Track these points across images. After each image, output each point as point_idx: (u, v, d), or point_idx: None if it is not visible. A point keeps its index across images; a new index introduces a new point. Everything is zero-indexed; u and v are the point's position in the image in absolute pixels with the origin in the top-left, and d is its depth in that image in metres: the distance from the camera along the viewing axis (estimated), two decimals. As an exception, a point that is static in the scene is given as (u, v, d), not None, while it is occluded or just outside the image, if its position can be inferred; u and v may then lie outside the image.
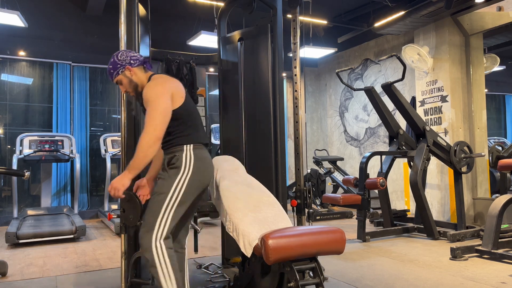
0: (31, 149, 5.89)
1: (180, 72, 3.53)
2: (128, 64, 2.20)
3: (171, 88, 2.09)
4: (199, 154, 2.13)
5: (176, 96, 2.11)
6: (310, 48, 6.92)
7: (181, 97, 2.14)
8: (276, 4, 3.22)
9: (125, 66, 2.20)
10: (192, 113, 2.20)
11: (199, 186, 2.13)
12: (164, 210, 2.01)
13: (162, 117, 1.99)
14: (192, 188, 2.08)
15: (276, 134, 3.22)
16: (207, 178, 2.19)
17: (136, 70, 2.22)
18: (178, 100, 2.11)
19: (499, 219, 3.75)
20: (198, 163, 2.11)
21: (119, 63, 2.20)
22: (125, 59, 2.21)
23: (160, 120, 1.98)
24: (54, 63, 6.87)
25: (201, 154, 2.14)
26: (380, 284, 3.06)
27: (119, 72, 2.21)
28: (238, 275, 2.73)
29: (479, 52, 5.74)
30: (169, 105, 2.03)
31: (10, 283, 3.27)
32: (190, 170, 2.07)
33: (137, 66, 2.22)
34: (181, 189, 2.04)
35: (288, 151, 7.98)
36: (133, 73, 2.21)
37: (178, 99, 2.12)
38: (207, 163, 2.18)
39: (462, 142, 4.88)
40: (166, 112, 2.01)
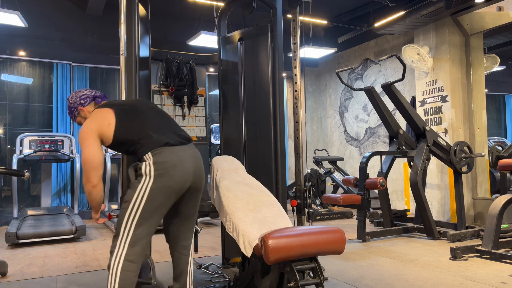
0: (31, 149, 5.89)
1: (180, 72, 3.53)
2: (79, 105, 2.25)
3: (95, 126, 2.03)
4: (161, 158, 1.98)
5: (104, 129, 2.02)
6: (310, 48, 6.92)
7: (108, 125, 2.02)
8: (276, 4, 3.22)
9: (77, 108, 2.25)
10: (136, 126, 2.05)
11: (167, 191, 1.97)
12: (127, 218, 1.97)
13: (89, 166, 2.00)
14: (157, 194, 1.96)
15: (276, 134, 3.22)
16: (177, 179, 1.99)
17: (88, 108, 2.26)
18: (108, 132, 2.02)
19: (499, 219, 3.75)
20: (160, 168, 1.96)
21: (72, 106, 2.26)
22: (75, 101, 2.25)
23: (88, 170, 2.01)
24: (54, 63, 6.87)
25: (164, 158, 1.98)
26: (380, 284, 3.06)
27: (75, 114, 2.27)
28: (238, 275, 2.73)
29: (479, 52, 5.74)
30: (93, 151, 2.00)
31: (10, 283, 3.27)
32: (151, 177, 1.95)
33: (88, 104, 2.26)
34: (142, 197, 1.95)
35: (288, 151, 7.98)
36: (86, 112, 2.25)
37: (107, 131, 2.02)
38: (173, 163, 1.99)
39: (462, 142, 4.88)
40: (91, 159, 2.00)
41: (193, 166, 2.08)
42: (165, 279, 3.28)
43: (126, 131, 2.04)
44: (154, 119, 2.12)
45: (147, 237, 2.01)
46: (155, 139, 2.02)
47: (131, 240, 1.96)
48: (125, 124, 2.05)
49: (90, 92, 2.28)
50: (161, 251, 4.32)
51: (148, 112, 2.14)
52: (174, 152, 2.02)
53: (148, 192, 1.95)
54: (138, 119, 2.08)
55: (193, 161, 2.09)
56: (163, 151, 2.00)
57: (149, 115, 2.13)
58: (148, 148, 2.00)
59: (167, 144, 2.02)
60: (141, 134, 2.03)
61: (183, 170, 2.02)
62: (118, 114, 2.05)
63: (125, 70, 2.33)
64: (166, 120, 2.18)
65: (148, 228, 2.00)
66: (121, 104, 2.14)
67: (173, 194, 2.02)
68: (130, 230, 1.96)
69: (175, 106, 3.55)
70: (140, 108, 2.14)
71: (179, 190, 2.03)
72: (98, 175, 2.03)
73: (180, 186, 2.02)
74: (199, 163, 2.15)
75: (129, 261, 1.95)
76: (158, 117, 2.16)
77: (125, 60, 2.35)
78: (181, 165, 2.01)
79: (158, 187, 1.96)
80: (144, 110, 2.14)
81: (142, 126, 2.06)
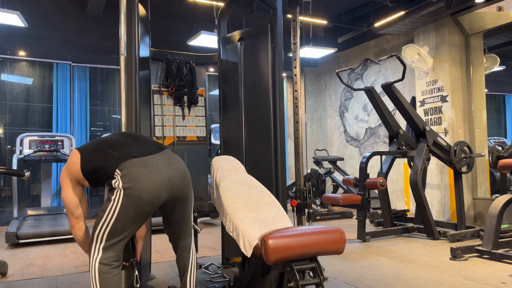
0: (31, 149, 5.89)
1: (180, 72, 3.53)
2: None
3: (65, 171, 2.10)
4: (127, 170, 1.93)
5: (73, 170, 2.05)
6: (310, 48, 6.92)
7: (72, 163, 2.04)
8: (276, 4, 3.23)
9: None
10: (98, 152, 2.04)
11: (137, 202, 1.93)
12: (100, 227, 2.01)
13: (66, 208, 2.15)
14: (128, 207, 1.94)
15: (276, 134, 3.23)
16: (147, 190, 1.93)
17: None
18: (76, 170, 2.04)
19: (499, 219, 3.75)
20: (128, 180, 1.92)
21: None
22: None
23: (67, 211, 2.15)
24: (54, 63, 6.87)
25: (130, 169, 1.93)
26: (380, 284, 3.06)
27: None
28: (238, 275, 2.73)
29: (479, 52, 5.74)
30: (65, 194, 2.09)
31: (10, 283, 3.27)
32: (121, 190, 1.93)
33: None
34: (115, 210, 1.96)
35: (288, 151, 7.98)
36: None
37: (74, 169, 2.04)
38: (140, 174, 1.93)
39: (462, 142, 4.88)
40: (65, 202, 2.11)
41: (168, 174, 2.00)
42: (165, 279, 3.28)
43: (90, 161, 2.03)
44: (116, 140, 2.10)
45: (122, 242, 2.02)
46: (118, 155, 1.99)
47: (104, 246, 2.00)
48: (88, 155, 2.04)
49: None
50: (161, 251, 4.32)
51: (111, 137, 2.13)
52: (141, 163, 1.96)
53: (120, 205, 1.94)
54: (100, 145, 2.07)
55: (168, 169, 2.01)
56: (130, 163, 1.95)
57: (110, 138, 2.12)
58: (115, 165, 1.96)
59: (133, 156, 1.98)
60: (104, 156, 2.01)
61: (154, 180, 1.94)
62: (82, 150, 2.07)
63: (125, 70, 2.33)
64: (132, 138, 2.15)
65: (121, 236, 2.00)
66: (88, 143, 2.16)
67: (147, 205, 1.96)
68: (103, 238, 1.99)
69: (175, 106, 3.55)
70: (105, 138, 2.14)
71: (152, 200, 1.96)
72: (75, 217, 2.12)
73: (153, 196, 1.95)
74: (177, 170, 2.06)
75: (104, 264, 1.99)
76: (122, 137, 2.14)
77: (125, 60, 2.35)
78: (150, 175, 1.94)
79: (129, 200, 1.93)
80: (108, 137, 2.13)
81: (104, 150, 2.04)
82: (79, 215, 2.13)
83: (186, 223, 2.22)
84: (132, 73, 2.68)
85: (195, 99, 3.59)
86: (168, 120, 3.50)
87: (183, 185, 2.08)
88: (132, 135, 2.20)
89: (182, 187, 2.08)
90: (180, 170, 2.07)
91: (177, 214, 2.16)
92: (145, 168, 1.95)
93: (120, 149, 2.02)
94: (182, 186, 2.08)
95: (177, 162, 2.09)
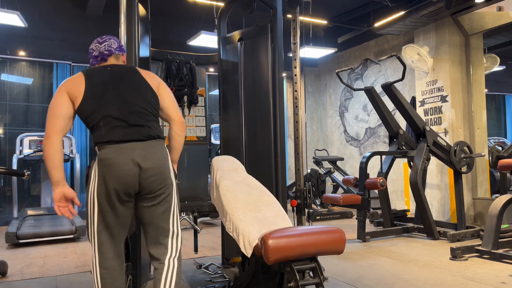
0: (31, 149, 5.89)
1: (180, 72, 3.53)
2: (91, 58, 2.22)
3: (65, 87, 1.97)
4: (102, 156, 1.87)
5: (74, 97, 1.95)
6: (310, 48, 6.92)
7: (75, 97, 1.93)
8: (276, 4, 3.22)
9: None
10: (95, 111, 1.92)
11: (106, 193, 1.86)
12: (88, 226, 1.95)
13: (49, 113, 1.93)
14: (101, 196, 1.87)
15: (276, 134, 3.22)
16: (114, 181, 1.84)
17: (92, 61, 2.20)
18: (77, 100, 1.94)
19: (499, 219, 3.75)
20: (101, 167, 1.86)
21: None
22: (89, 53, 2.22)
23: (48, 117, 1.93)
24: (54, 63, 6.87)
25: (104, 155, 1.86)
26: (380, 284, 3.06)
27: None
28: (238, 275, 2.73)
29: (479, 52, 5.74)
30: (57, 100, 1.93)
31: (10, 283, 3.27)
32: (96, 178, 1.88)
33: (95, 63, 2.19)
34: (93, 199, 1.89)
35: (288, 151, 7.98)
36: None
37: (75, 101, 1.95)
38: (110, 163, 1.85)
39: (462, 142, 4.88)
40: (51, 107, 1.92)
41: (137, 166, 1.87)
42: (165, 279, 3.28)
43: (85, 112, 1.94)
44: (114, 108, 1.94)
45: (113, 242, 1.93)
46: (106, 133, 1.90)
47: (98, 248, 1.92)
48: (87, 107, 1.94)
49: (96, 48, 2.19)
50: (161, 251, 4.32)
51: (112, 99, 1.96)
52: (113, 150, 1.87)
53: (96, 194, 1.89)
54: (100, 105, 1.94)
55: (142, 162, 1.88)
56: (107, 148, 1.87)
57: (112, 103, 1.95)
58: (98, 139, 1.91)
59: (111, 141, 1.88)
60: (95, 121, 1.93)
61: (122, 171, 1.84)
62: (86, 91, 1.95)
63: (125, 70, 2.32)
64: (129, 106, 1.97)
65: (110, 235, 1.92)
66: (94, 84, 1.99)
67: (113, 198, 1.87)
68: (94, 239, 1.92)
69: (175, 106, 3.54)
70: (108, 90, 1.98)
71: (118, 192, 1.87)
72: (55, 125, 1.89)
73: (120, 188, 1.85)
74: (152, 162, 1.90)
75: (104, 268, 1.91)
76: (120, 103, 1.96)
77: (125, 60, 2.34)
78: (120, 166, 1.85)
79: (100, 187, 1.87)
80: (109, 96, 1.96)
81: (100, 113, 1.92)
82: (61, 129, 1.91)
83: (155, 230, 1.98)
84: (132, 73, 2.68)
85: (195, 99, 3.58)
86: (168, 120, 3.50)
87: (155, 182, 1.92)
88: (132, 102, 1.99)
89: (155, 183, 1.92)
90: (157, 166, 1.93)
91: (146, 215, 1.97)
92: (117, 157, 1.86)
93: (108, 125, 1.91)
94: (154, 183, 1.92)
95: (155, 155, 1.94)
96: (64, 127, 1.92)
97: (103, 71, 2.07)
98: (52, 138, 1.88)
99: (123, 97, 1.98)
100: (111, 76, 2.04)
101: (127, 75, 2.07)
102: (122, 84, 2.02)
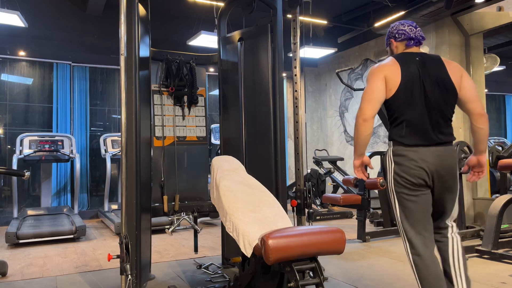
0: (31, 149, 5.89)
1: (180, 72, 3.53)
2: (392, 37, 2.28)
3: (385, 73, 2.09)
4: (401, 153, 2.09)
5: (389, 83, 2.08)
6: (310, 48, 6.92)
7: (389, 89, 2.08)
8: (276, 4, 3.23)
9: (390, 39, 2.30)
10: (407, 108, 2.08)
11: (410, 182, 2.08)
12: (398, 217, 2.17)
13: (367, 96, 2.07)
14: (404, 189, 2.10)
15: (276, 134, 3.22)
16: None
17: (398, 44, 2.26)
18: (387, 91, 2.09)
19: (499, 219, 3.75)
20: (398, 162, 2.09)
21: (388, 35, 2.32)
22: (392, 31, 2.29)
23: (365, 100, 2.07)
24: (54, 63, 6.87)
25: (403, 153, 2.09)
26: (380, 284, 3.06)
27: (388, 43, 2.33)
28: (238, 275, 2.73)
29: (479, 52, 5.74)
30: (376, 85, 2.07)
31: (10, 283, 3.27)
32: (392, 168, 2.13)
33: (400, 40, 2.25)
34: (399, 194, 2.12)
35: (288, 151, 7.98)
36: (394, 47, 2.29)
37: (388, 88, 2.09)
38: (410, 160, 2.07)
39: (462, 142, 4.87)
40: (371, 91, 2.07)
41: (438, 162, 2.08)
42: (165, 279, 3.28)
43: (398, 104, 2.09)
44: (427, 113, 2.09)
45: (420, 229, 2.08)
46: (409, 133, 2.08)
47: (407, 236, 2.09)
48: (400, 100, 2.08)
49: (410, 31, 2.23)
50: (161, 251, 4.32)
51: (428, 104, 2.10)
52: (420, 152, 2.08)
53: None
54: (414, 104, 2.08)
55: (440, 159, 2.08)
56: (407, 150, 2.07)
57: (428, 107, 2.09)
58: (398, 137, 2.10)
59: (417, 145, 2.07)
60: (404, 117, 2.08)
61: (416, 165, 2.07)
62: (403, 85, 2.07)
63: (125, 70, 2.33)
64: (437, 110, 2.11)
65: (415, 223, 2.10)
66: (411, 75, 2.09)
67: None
68: (402, 227, 2.12)
69: (175, 106, 3.55)
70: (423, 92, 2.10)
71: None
72: (373, 109, 2.06)
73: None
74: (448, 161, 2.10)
75: (416, 255, 2.06)
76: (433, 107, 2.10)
77: (125, 60, 2.35)
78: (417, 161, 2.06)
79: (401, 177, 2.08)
80: (424, 100, 2.09)
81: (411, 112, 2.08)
82: (376, 112, 2.08)
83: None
84: (132, 73, 2.68)
85: (195, 99, 3.58)
86: (168, 120, 3.50)
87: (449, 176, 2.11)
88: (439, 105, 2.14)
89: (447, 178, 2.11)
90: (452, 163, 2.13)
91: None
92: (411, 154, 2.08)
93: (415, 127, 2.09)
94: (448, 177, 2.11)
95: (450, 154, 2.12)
96: (377, 112, 2.10)
97: (415, 62, 2.16)
98: (370, 121, 2.07)
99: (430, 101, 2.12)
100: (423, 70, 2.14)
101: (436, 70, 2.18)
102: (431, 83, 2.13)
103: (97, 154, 7.14)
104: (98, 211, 6.80)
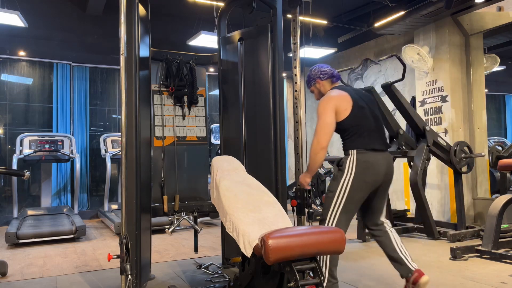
0: (31, 149, 5.89)
1: (180, 72, 3.53)
2: (318, 78, 2.71)
3: (334, 104, 2.47)
4: (362, 158, 2.44)
5: (341, 111, 2.47)
6: (310, 48, 6.91)
7: (344, 110, 2.46)
8: (276, 4, 3.23)
9: (316, 80, 2.72)
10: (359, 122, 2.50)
11: (362, 185, 2.45)
12: (333, 206, 2.46)
13: (325, 130, 2.45)
14: (355, 188, 2.44)
15: (276, 134, 3.22)
16: (370, 177, 2.46)
17: (324, 82, 2.70)
18: (342, 115, 2.48)
19: (499, 219, 3.75)
20: (360, 166, 2.43)
21: (311, 77, 2.74)
22: (316, 73, 2.71)
23: (322, 133, 2.45)
24: (54, 63, 6.87)
25: (364, 158, 2.45)
26: (380, 284, 3.06)
27: (312, 84, 2.76)
28: (238, 275, 2.73)
29: (479, 52, 5.74)
30: (330, 119, 2.44)
31: (10, 283, 3.27)
32: (352, 172, 2.43)
33: (325, 79, 2.69)
34: (346, 189, 2.43)
35: (288, 151, 7.98)
36: (321, 85, 2.71)
37: (342, 114, 2.48)
38: (369, 165, 2.44)
39: (462, 142, 4.87)
40: (326, 125, 2.45)
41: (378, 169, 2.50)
42: (165, 279, 3.28)
43: (351, 123, 2.48)
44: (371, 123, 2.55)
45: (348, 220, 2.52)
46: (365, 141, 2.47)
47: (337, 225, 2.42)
48: (354, 118, 2.48)
49: (330, 71, 2.69)
50: (161, 251, 4.32)
51: (369, 116, 2.55)
52: (373, 156, 2.48)
53: (350, 185, 2.43)
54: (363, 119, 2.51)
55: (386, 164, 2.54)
56: (366, 153, 2.46)
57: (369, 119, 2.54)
58: (355, 146, 2.47)
59: (374, 149, 2.48)
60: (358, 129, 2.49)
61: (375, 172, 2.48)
62: (354, 106, 2.49)
63: (125, 70, 2.33)
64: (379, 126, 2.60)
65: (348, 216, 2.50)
66: (355, 99, 2.52)
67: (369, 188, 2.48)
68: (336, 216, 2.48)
69: (175, 106, 3.55)
70: (366, 107, 2.55)
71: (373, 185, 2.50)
72: (327, 140, 2.46)
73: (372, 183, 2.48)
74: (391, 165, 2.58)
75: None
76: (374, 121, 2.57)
77: (125, 60, 2.35)
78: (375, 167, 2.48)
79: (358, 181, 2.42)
80: (367, 113, 2.55)
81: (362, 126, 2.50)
82: (328, 142, 2.48)
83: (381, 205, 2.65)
84: (132, 73, 2.68)
85: (195, 99, 3.58)
86: (168, 120, 3.50)
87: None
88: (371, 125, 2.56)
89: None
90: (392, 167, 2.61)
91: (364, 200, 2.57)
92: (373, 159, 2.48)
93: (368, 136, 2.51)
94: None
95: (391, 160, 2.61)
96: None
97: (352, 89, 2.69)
98: (326, 149, 2.53)
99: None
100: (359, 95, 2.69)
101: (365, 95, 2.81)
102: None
103: (97, 154, 7.14)
104: (98, 211, 6.80)
